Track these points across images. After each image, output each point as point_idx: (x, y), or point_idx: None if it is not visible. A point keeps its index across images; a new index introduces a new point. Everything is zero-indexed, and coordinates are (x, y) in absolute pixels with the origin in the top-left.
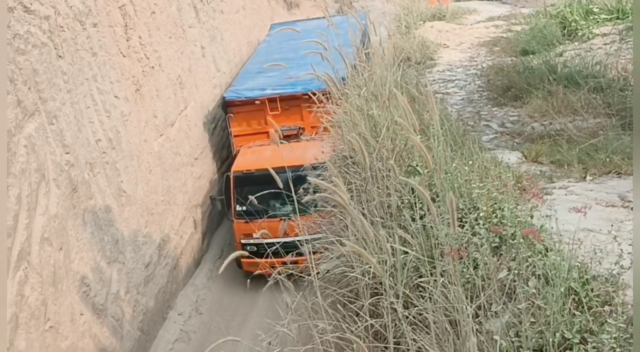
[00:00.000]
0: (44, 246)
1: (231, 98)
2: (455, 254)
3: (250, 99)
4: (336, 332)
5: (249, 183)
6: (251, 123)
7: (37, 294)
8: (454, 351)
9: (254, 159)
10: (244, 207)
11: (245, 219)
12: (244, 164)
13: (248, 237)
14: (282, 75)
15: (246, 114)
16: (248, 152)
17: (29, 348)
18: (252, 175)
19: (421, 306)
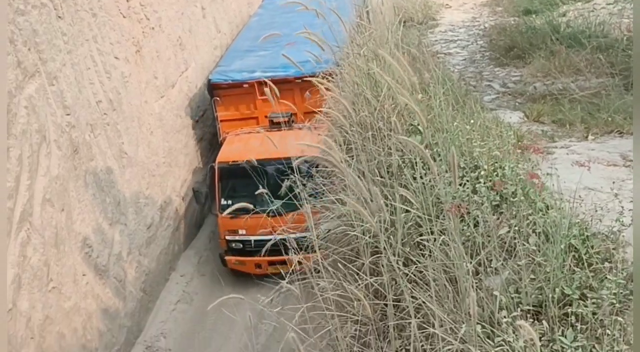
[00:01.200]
0: (45, 207)
1: (217, 81)
2: (455, 210)
3: (238, 82)
4: (337, 291)
5: (235, 175)
6: (239, 108)
7: (39, 255)
8: (453, 307)
9: (241, 149)
10: (229, 201)
11: (230, 215)
12: (230, 154)
13: (233, 234)
14: (274, 54)
15: (234, 97)
16: (235, 140)
17: (32, 309)
18: (238, 167)
19: (421, 263)
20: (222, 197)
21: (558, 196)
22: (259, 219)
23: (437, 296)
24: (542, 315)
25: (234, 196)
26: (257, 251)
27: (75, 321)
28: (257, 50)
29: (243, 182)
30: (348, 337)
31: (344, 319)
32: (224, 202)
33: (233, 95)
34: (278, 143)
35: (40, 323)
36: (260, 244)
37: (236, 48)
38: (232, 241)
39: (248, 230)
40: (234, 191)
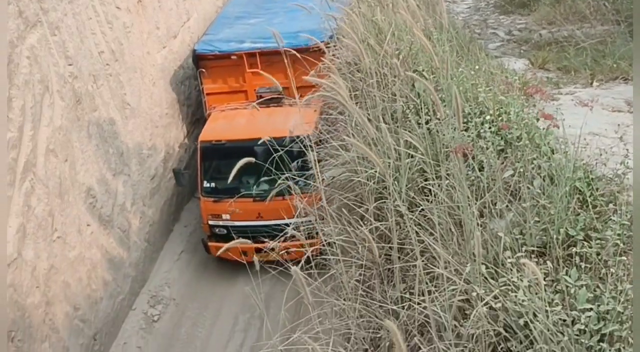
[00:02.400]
0: (49, 157)
1: (203, 51)
2: (460, 151)
3: (226, 53)
4: (342, 235)
5: (219, 156)
6: (227, 80)
7: (43, 205)
8: (458, 249)
9: (226, 127)
10: (212, 184)
11: (214, 198)
12: (214, 132)
13: (217, 219)
14: (266, 22)
15: (221, 69)
16: (220, 117)
17: (37, 258)
18: (222, 146)
19: (425, 207)
20: (205, 179)
21: (563, 140)
22: (244, 203)
23: (442, 239)
24: (546, 256)
25: (217, 178)
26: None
27: (80, 271)
28: (248, 17)
29: (227, 163)
30: (353, 280)
31: (349, 263)
32: (206, 184)
33: (220, 66)
34: (267, 121)
35: (45, 272)
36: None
37: (226, 14)
38: (215, 226)
39: (233, 215)
40: (217, 172)
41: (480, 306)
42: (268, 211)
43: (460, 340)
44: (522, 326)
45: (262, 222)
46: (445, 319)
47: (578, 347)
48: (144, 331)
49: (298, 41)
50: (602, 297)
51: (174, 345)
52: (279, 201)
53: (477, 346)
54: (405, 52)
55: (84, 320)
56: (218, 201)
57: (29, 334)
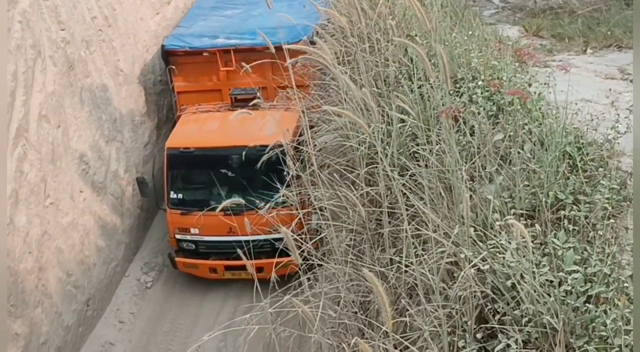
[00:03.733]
0: (41, 123)
1: (172, 47)
2: (448, 114)
3: (197, 50)
4: (332, 200)
5: (187, 164)
6: (199, 78)
7: (36, 171)
8: (447, 213)
9: (196, 132)
10: (179, 195)
11: (181, 210)
12: (182, 138)
13: (184, 233)
14: (243, 15)
15: (193, 66)
16: (190, 120)
17: (29, 224)
18: (191, 154)
19: (416, 171)
20: (171, 189)
21: (554, 105)
22: (214, 217)
23: (432, 203)
24: (535, 219)
25: (185, 189)
26: (212, 253)
27: (73, 237)
28: (224, 7)
29: (196, 172)
30: (344, 244)
31: (339, 228)
32: (173, 195)
33: (191, 63)
34: (241, 126)
35: (38, 238)
36: (216, 245)
37: (202, 3)
38: (183, 240)
39: (202, 229)
40: (185, 182)
41: (468, 267)
42: (240, 226)
43: (448, 302)
44: (509, 287)
45: (233, 238)
46: (433, 281)
47: (564, 308)
48: (137, 297)
49: (277, 37)
50: (590, 259)
51: (167, 311)
52: (252, 215)
53: (465, 307)
54: (399, 17)
55: (77, 286)
56: (186, 214)
57: (22, 299)
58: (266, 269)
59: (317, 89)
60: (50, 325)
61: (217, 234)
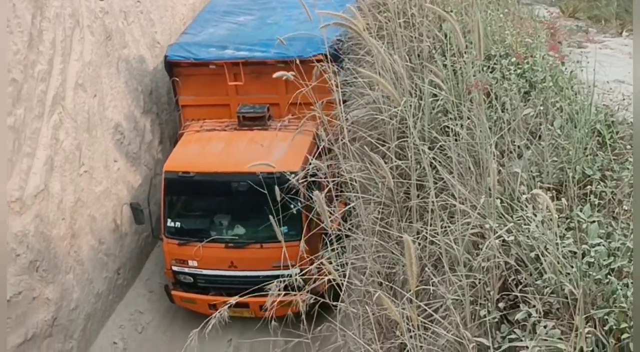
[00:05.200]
0: (78, 91)
1: (176, 58)
2: (479, 87)
3: (203, 61)
4: (362, 172)
5: (186, 190)
6: (206, 92)
7: (71, 139)
8: (475, 185)
9: (197, 154)
10: (177, 223)
11: (179, 240)
12: (182, 161)
13: (182, 265)
14: (257, 23)
15: (198, 78)
16: (192, 140)
17: (63, 191)
18: (190, 179)
19: (446, 144)
20: (169, 216)
21: (587, 84)
22: (215, 249)
23: (460, 177)
24: (561, 194)
25: (183, 216)
26: (212, 288)
27: (106, 205)
28: (238, 13)
29: (196, 199)
30: (372, 216)
31: (368, 200)
32: (170, 223)
33: (197, 75)
34: (247, 149)
35: (71, 205)
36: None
37: (213, 7)
38: (180, 272)
39: (201, 261)
40: (184, 209)
41: (493, 238)
42: (243, 260)
43: (472, 273)
44: (533, 259)
45: (235, 273)
46: (457, 251)
47: (586, 280)
48: None
49: (292, 51)
50: (614, 234)
51: None
52: (256, 249)
53: (488, 276)
54: None
55: (108, 254)
56: (184, 244)
57: (53, 264)
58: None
59: (351, 63)
60: (81, 291)
61: (217, 267)
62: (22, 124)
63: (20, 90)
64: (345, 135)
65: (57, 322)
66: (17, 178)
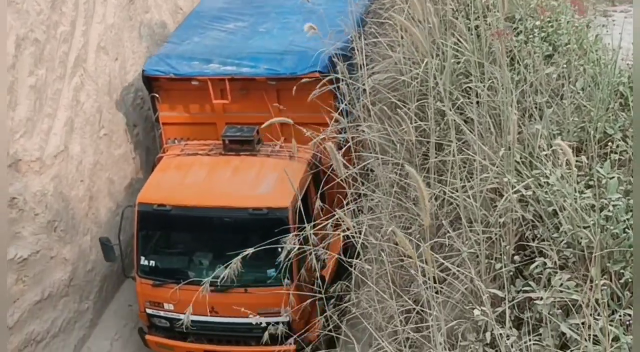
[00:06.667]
0: (100, 54)
1: (154, 73)
2: (501, 34)
3: (184, 77)
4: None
5: (162, 225)
6: (189, 108)
7: (92, 101)
8: (495, 143)
9: (176, 185)
10: (151, 262)
11: (154, 280)
12: (158, 192)
13: (157, 308)
14: (248, 32)
15: (180, 94)
16: (171, 166)
17: (83, 153)
18: (167, 213)
19: (466, 103)
20: (142, 254)
21: (611, 49)
22: (193, 292)
23: (480, 137)
24: (582, 152)
25: (158, 254)
26: (191, 334)
27: (125, 169)
28: (227, 18)
29: (173, 235)
30: (389, 176)
31: (386, 161)
32: (144, 261)
33: (179, 90)
34: (231, 179)
35: (90, 167)
36: (195, 325)
37: (201, 12)
38: (155, 316)
39: (178, 305)
40: (159, 246)
41: (511, 192)
42: (225, 305)
43: (489, 228)
44: (550, 214)
45: (216, 319)
46: (475, 208)
47: (603, 234)
48: None
49: (283, 67)
50: (633, 192)
51: None
52: (240, 293)
53: (504, 230)
54: None
55: (126, 217)
56: (159, 286)
57: (71, 225)
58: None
59: (375, 26)
60: (97, 254)
61: (196, 312)
62: (43, 84)
63: (43, 50)
64: (367, 96)
65: (74, 282)
66: (38, 138)
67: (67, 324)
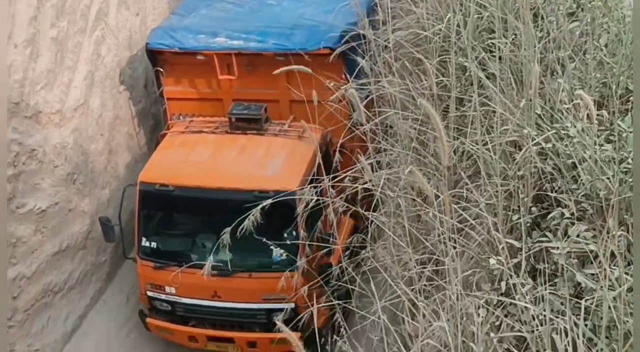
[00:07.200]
0: (121, 9)
1: (158, 47)
2: None
3: (189, 51)
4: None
5: (164, 206)
6: (195, 82)
7: (112, 56)
8: (515, 96)
9: (179, 164)
10: (153, 244)
11: (155, 262)
12: (160, 171)
13: (158, 290)
14: (256, 3)
15: (185, 68)
16: (175, 144)
17: (103, 107)
18: (169, 193)
19: (488, 57)
20: (144, 235)
21: None
22: (196, 275)
23: (502, 92)
24: (603, 107)
25: (160, 236)
26: (193, 319)
27: (144, 125)
28: None
29: (175, 217)
30: (409, 131)
31: (406, 117)
32: (145, 242)
33: (183, 65)
34: (237, 158)
35: (110, 121)
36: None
37: None
38: (156, 299)
39: (180, 289)
40: (161, 228)
41: (531, 145)
42: (228, 290)
43: (507, 181)
44: (570, 166)
45: (218, 304)
46: (494, 160)
47: (621, 187)
48: None
49: (292, 42)
50: None
51: None
52: (243, 278)
53: (522, 182)
54: None
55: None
56: (160, 268)
57: (90, 178)
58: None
59: None
60: (115, 208)
61: (198, 296)
62: (65, 36)
63: (64, 3)
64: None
65: (92, 235)
66: (58, 90)
67: (84, 277)
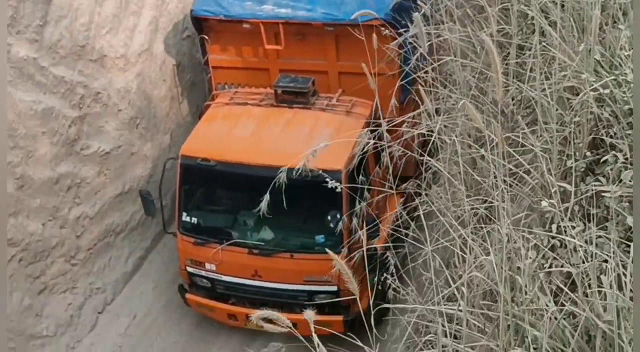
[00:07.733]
0: None
1: (203, 14)
2: None
3: (235, 19)
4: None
5: (206, 181)
6: (241, 51)
7: (176, 2)
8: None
9: (222, 137)
10: (193, 219)
11: (195, 238)
12: (202, 145)
13: (198, 266)
14: None
15: (231, 36)
16: (218, 116)
17: (167, 53)
18: (211, 168)
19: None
20: (184, 210)
21: None
22: (237, 254)
23: (562, 40)
24: None
25: (201, 212)
26: (233, 297)
27: None
28: None
29: (217, 192)
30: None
31: (465, 65)
32: (185, 217)
33: (230, 33)
34: (283, 133)
35: (172, 68)
36: (237, 288)
37: None
38: (196, 275)
39: (220, 266)
40: (202, 203)
41: (589, 90)
42: (269, 270)
43: (564, 126)
44: (627, 113)
45: (258, 283)
46: (551, 105)
47: None
48: None
49: (344, 12)
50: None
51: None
52: (285, 258)
53: (578, 130)
54: None
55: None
56: (201, 244)
57: (153, 123)
58: (300, 326)
59: None
60: (176, 153)
61: (238, 274)
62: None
63: None
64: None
65: (153, 178)
66: (123, 35)
67: (145, 219)
